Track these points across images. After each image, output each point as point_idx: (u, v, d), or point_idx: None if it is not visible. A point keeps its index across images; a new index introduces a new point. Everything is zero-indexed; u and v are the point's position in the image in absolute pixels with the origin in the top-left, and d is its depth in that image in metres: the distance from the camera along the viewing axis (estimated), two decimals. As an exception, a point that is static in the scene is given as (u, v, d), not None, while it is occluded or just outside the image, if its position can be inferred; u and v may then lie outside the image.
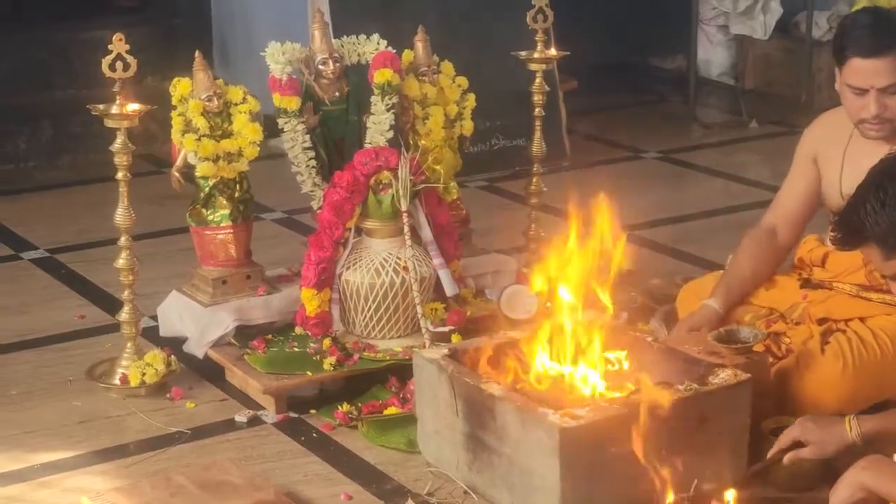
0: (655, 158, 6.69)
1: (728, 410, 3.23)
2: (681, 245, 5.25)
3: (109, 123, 3.82)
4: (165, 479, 3.38)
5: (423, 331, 3.93)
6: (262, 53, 4.18)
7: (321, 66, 4.20)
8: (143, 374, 3.95)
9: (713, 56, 7.74)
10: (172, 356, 4.05)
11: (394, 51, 4.26)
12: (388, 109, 4.21)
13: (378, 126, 4.21)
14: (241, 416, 3.82)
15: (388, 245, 4.01)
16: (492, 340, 3.51)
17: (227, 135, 4.07)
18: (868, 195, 2.89)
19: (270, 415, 3.83)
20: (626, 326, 3.80)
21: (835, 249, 3.53)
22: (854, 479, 2.82)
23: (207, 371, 4.07)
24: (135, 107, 3.80)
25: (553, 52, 4.60)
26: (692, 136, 7.14)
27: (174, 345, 4.15)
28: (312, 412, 3.83)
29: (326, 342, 3.98)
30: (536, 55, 4.53)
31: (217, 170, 4.05)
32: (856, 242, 2.96)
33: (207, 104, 4.04)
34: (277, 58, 4.15)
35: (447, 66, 4.41)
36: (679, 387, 3.20)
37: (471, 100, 4.42)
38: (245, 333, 4.05)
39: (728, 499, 2.95)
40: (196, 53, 4.09)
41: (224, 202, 4.12)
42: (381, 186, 4.00)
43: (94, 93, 4.38)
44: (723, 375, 3.28)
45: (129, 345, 4.01)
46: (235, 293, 4.13)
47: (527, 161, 4.77)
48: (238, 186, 4.13)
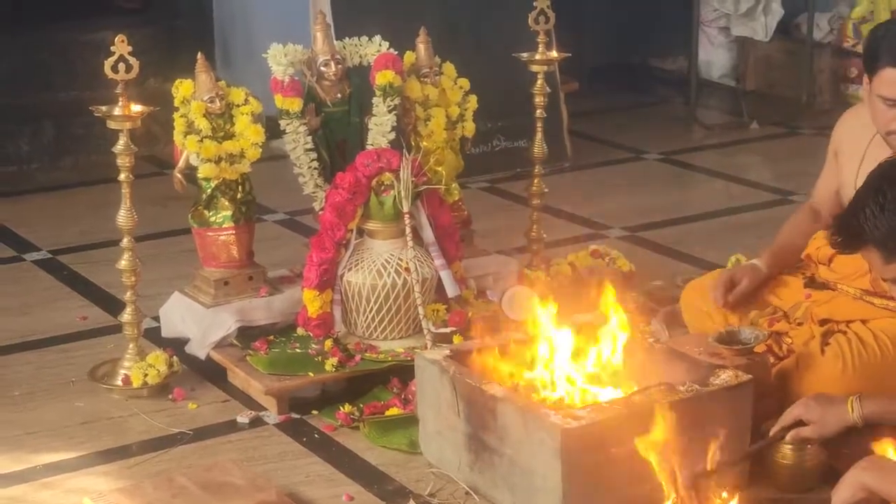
0: (656, 160, 6.68)
1: (729, 411, 3.23)
2: (681, 246, 5.24)
3: (112, 125, 3.82)
4: (167, 480, 3.39)
5: (425, 332, 3.94)
6: (264, 55, 4.19)
7: (323, 68, 4.21)
8: (146, 375, 3.95)
9: (714, 57, 7.73)
10: (174, 357, 4.05)
11: (395, 52, 4.26)
12: (390, 111, 4.21)
13: (380, 127, 4.21)
14: (243, 417, 3.82)
15: (390, 246, 4.01)
16: (493, 341, 3.52)
17: (230, 136, 4.08)
18: (867, 199, 2.89)
19: (272, 416, 3.84)
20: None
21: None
22: (855, 480, 2.81)
23: (209, 372, 4.07)
24: (137, 108, 3.80)
25: (554, 54, 4.60)
26: (693, 138, 7.14)
27: (176, 346, 4.15)
28: (314, 413, 3.83)
29: (328, 343, 3.98)
30: (538, 57, 4.52)
31: (219, 171, 4.06)
32: (855, 246, 2.96)
33: (209, 106, 4.05)
34: (279, 59, 4.15)
35: (449, 68, 4.42)
36: (680, 388, 3.21)
37: (472, 101, 4.42)
38: (247, 334, 4.05)
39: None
40: (198, 55, 4.09)
41: (226, 203, 4.12)
42: (383, 188, 4.01)
43: (96, 94, 4.40)
44: (724, 376, 3.28)
45: (132, 346, 4.01)
46: (237, 294, 4.14)
47: (528, 162, 4.76)
48: (240, 188, 4.14)
